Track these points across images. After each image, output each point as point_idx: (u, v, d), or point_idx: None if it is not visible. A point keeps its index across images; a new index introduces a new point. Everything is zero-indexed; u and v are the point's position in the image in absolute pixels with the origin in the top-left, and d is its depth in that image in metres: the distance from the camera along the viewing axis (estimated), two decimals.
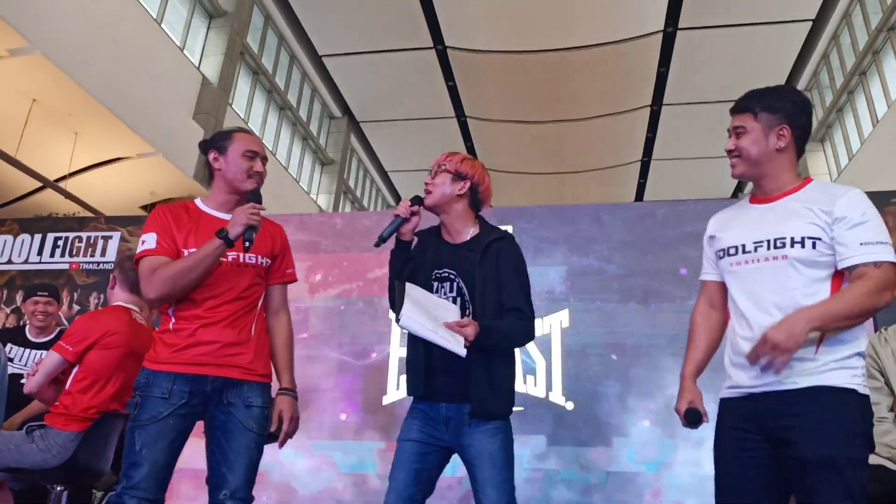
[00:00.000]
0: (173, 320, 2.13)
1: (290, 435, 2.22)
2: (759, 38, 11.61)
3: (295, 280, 2.40)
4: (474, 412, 2.05)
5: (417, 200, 2.19)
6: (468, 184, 2.22)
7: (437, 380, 2.12)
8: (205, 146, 2.30)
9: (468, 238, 2.22)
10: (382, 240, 2.10)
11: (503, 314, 2.10)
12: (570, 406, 4.21)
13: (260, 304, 2.25)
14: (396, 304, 1.96)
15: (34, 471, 2.73)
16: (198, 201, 2.30)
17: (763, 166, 1.86)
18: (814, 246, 1.75)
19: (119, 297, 2.99)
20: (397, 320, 1.94)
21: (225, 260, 2.15)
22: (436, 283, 2.19)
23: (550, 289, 4.49)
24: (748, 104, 1.88)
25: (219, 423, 2.10)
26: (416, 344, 2.16)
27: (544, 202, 14.35)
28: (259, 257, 2.23)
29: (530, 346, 4.34)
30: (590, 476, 4.05)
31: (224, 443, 2.08)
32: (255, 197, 2.19)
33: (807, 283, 1.75)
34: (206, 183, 9.44)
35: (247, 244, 2.07)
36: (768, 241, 1.80)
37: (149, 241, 2.13)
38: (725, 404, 1.88)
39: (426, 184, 2.24)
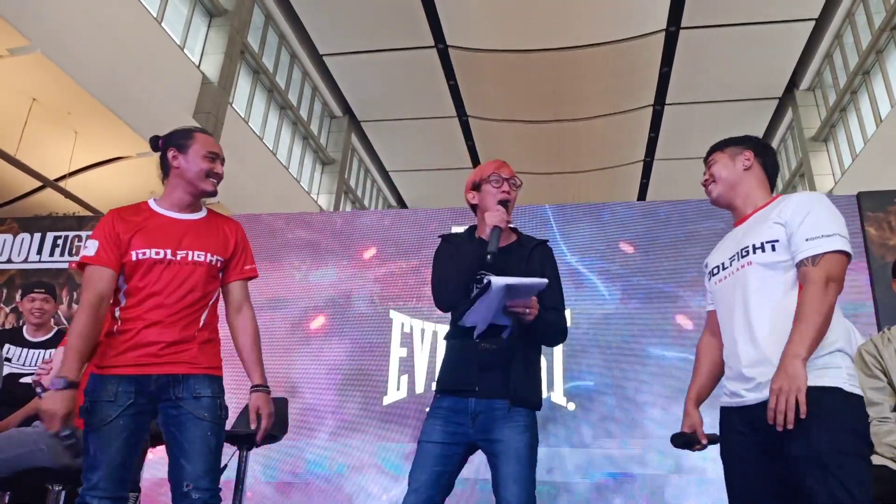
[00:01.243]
0: (119, 323, 2.14)
1: (266, 431, 2.22)
2: (762, 37, 11.57)
3: (255, 276, 2.38)
4: (514, 400, 2.11)
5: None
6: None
7: (473, 375, 2.15)
8: (159, 141, 2.32)
9: (509, 242, 2.33)
10: (493, 254, 2.13)
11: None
12: (571, 406, 4.19)
13: (211, 302, 2.25)
14: (474, 292, 2.01)
15: (58, 471, 2.71)
16: (151, 201, 2.31)
17: (736, 187, 2.03)
18: (773, 248, 1.86)
19: None
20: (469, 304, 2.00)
21: (173, 259, 2.17)
22: (473, 285, 2.24)
23: None
24: (715, 146, 2.13)
25: (171, 419, 2.10)
26: (464, 340, 2.19)
27: (546, 202, 14.32)
28: (208, 255, 2.23)
29: None
30: (591, 477, 4.02)
31: (179, 435, 2.08)
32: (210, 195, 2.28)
33: (772, 284, 1.86)
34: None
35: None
36: (737, 253, 1.95)
37: (90, 247, 2.17)
38: (725, 412, 1.96)
39: (507, 193, 2.29)
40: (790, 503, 1.79)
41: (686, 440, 2.00)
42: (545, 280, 2.03)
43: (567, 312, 4.41)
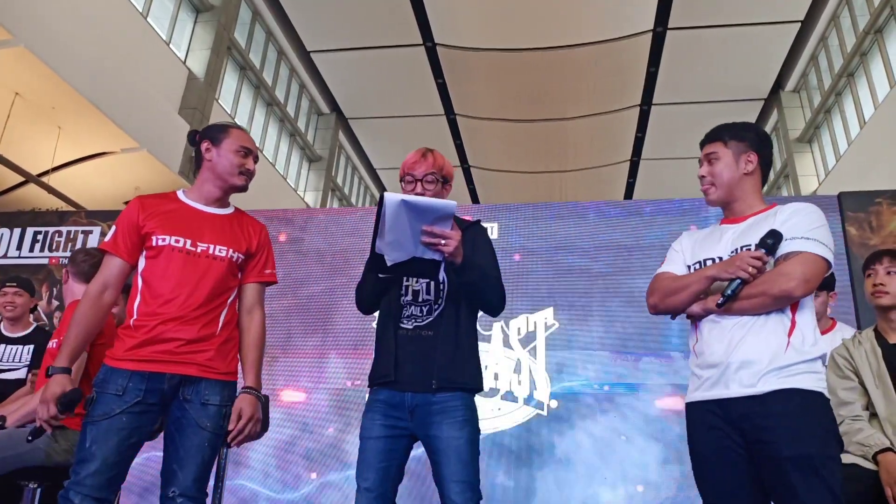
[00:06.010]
0: (135, 315, 2.09)
1: (249, 436, 2.14)
2: (748, 38, 11.65)
3: (275, 281, 2.36)
4: (439, 384, 2.02)
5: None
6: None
7: (403, 367, 2.06)
8: (195, 136, 2.30)
9: None
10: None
11: None
12: (553, 404, 4.20)
13: (231, 300, 2.21)
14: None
15: (40, 469, 2.68)
16: (180, 192, 2.29)
17: (734, 190, 2.01)
18: None
19: (77, 290, 2.86)
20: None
21: (192, 250, 2.13)
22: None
23: (535, 286, 4.47)
24: (718, 133, 2.07)
25: (174, 419, 2.07)
26: (385, 331, 2.13)
27: (532, 201, 14.34)
28: (231, 251, 2.20)
29: (514, 342, 4.32)
30: (574, 474, 4.03)
31: (178, 439, 2.04)
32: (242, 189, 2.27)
33: None
34: (190, 178, 9.37)
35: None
36: (735, 251, 1.92)
37: (109, 233, 2.18)
38: (696, 407, 1.92)
39: (420, 196, 2.14)
40: (762, 497, 1.79)
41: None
42: (453, 202, 1.89)
43: (549, 311, 4.44)
